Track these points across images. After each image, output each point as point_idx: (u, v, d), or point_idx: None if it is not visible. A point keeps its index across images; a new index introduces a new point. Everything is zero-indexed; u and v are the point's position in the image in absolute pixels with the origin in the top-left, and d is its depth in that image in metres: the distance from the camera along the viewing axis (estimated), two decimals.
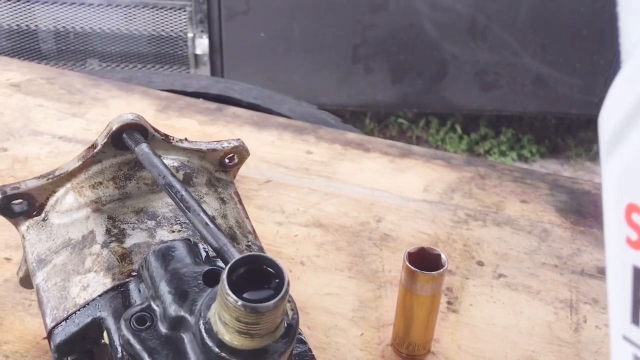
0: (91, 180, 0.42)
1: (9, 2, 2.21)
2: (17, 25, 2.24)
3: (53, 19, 2.25)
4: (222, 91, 0.91)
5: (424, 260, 0.46)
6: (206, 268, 0.33)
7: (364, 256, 0.59)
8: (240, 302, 0.27)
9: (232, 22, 2.17)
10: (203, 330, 0.29)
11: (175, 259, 0.33)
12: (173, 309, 0.31)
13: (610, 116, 0.20)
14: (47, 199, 0.42)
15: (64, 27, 2.27)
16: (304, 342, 0.35)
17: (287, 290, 0.28)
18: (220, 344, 0.29)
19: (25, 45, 2.27)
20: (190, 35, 2.22)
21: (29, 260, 0.42)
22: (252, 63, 2.21)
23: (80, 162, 0.41)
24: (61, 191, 0.42)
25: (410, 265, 0.45)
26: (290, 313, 0.30)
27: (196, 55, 2.26)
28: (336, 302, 0.54)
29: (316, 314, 0.53)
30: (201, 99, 0.84)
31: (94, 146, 0.41)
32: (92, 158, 0.41)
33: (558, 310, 0.54)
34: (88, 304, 0.38)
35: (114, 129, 0.41)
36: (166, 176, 0.38)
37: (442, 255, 0.46)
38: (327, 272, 0.57)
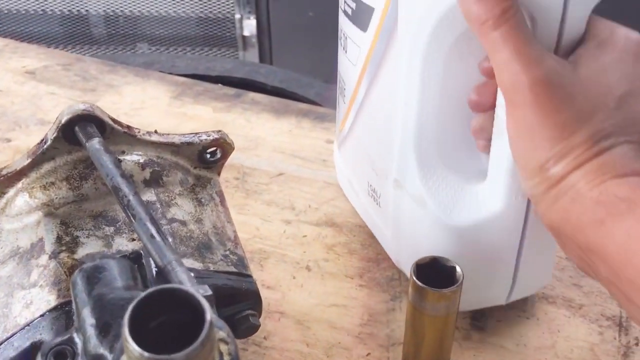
0: (43, 180, 0.37)
1: None
2: (69, 11, 2.25)
3: (103, 3, 2.25)
4: (246, 75, 0.85)
5: (436, 273, 0.39)
6: (137, 294, 0.27)
7: (379, 261, 0.52)
8: (143, 354, 0.21)
9: (279, 2, 2.11)
10: None
11: (102, 282, 0.28)
12: (92, 345, 0.26)
13: None
14: None
15: (113, 11, 2.27)
16: None
17: (207, 335, 0.21)
18: None
19: (77, 31, 2.28)
20: (237, 16, 2.17)
21: None
22: (300, 43, 2.14)
23: (29, 160, 0.36)
24: (11, 192, 0.37)
25: (417, 281, 0.38)
26: (226, 358, 0.24)
27: (244, 37, 2.21)
28: (342, 315, 0.47)
29: (318, 329, 0.46)
30: (219, 85, 0.78)
31: (44, 141, 0.36)
32: (42, 155, 0.36)
33: (604, 329, 0.46)
34: (29, 325, 0.33)
35: (63, 121, 0.35)
36: (114, 177, 0.32)
37: (458, 268, 0.39)
38: (335, 279, 0.50)
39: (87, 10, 2.22)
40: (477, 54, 0.40)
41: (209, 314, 0.22)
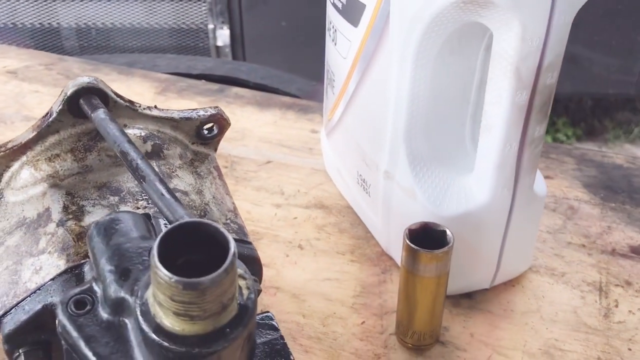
0: (48, 153, 0.37)
1: (31, 1, 2.21)
2: (40, 23, 2.24)
3: (74, 15, 2.24)
4: (228, 72, 0.87)
5: (427, 238, 0.41)
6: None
7: (368, 238, 0.53)
8: (173, 278, 0.22)
9: (252, 12, 2.13)
10: (139, 313, 0.24)
11: (118, 233, 0.29)
12: (112, 290, 0.27)
13: None
14: (1, 174, 0.38)
15: (85, 23, 2.27)
16: (275, 329, 0.31)
17: (231, 263, 0.23)
18: (158, 328, 0.24)
19: (49, 44, 2.27)
20: (210, 26, 2.19)
21: None
22: (274, 52, 2.17)
23: (34, 133, 0.37)
24: (16, 165, 0.38)
25: (410, 244, 0.40)
26: (245, 292, 0.25)
27: (217, 47, 2.23)
28: (336, 288, 0.49)
29: (313, 301, 0.48)
30: (203, 81, 0.80)
31: (49, 114, 0.37)
32: (47, 128, 0.37)
33: (585, 294, 0.48)
34: (39, 289, 0.34)
35: (68, 94, 0.37)
36: (121, 143, 0.34)
37: (448, 232, 0.41)
38: (327, 255, 0.52)
39: (58, 23, 2.21)
40: (467, 50, 0.42)
41: (233, 244, 0.23)
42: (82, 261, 0.34)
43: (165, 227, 0.33)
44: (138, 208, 0.37)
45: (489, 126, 0.41)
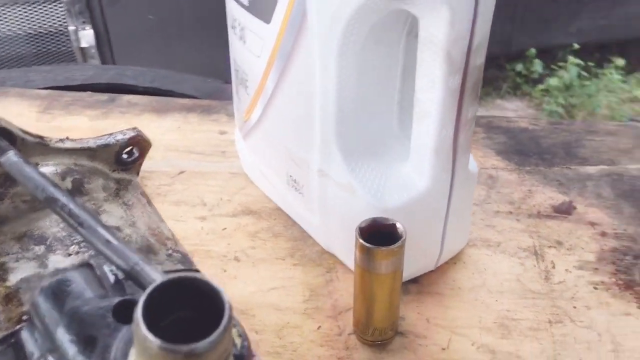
0: None
1: None
2: None
3: None
4: (112, 79, 0.81)
5: (378, 233, 0.40)
6: (116, 300, 0.25)
7: (305, 239, 0.52)
8: (169, 348, 0.19)
9: (114, 9, 2.01)
10: None
11: (71, 296, 0.25)
12: None
13: None
14: None
15: None
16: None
17: (229, 318, 0.20)
18: None
19: None
20: (71, 28, 2.04)
21: None
22: (145, 48, 2.07)
23: None
24: None
25: (365, 243, 0.39)
26: (238, 341, 0.23)
27: (82, 49, 2.09)
28: (283, 296, 0.47)
29: (263, 315, 0.46)
30: (89, 92, 0.74)
31: None
32: None
33: (523, 260, 0.50)
34: None
35: None
36: (45, 188, 0.29)
37: (398, 225, 0.40)
38: (267, 263, 0.50)
39: None
40: (390, 38, 0.41)
41: (227, 299, 0.20)
42: (17, 327, 0.30)
43: (113, 274, 0.30)
44: (70, 254, 0.33)
45: (423, 113, 0.40)
